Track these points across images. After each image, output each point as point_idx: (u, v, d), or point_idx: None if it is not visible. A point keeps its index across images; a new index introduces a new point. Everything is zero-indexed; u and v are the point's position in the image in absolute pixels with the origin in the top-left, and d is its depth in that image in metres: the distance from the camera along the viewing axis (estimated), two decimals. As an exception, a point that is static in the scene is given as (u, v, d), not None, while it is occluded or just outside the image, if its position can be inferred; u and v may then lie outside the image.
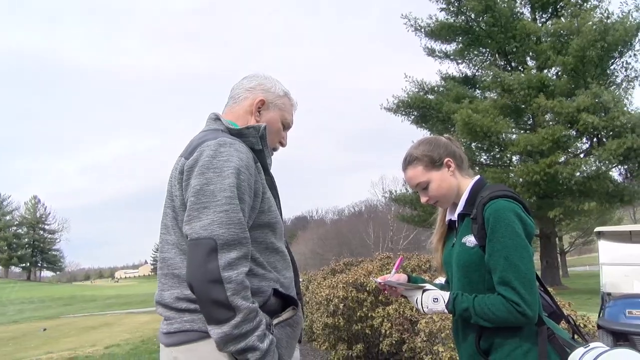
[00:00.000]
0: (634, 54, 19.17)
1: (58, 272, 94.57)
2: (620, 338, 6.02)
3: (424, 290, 1.75)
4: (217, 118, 1.69)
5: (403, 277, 1.89)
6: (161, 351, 1.57)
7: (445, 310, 1.67)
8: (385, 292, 1.90)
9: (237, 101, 1.76)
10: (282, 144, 1.82)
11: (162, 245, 1.58)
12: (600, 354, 1.47)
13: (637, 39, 18.60)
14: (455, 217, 1.81)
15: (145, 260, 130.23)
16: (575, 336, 1.77)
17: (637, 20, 18.22)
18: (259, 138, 1.61)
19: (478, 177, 1.83)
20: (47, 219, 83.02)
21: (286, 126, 1.82)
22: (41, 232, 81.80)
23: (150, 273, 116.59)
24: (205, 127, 1.70)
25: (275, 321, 1.50)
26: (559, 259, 28.25)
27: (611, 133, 17.55)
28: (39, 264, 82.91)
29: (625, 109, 17.27)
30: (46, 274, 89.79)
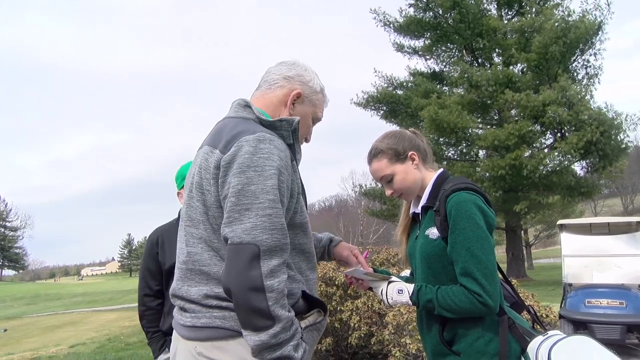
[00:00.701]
0: (594, 53, 19.74)
1: (21, 271, 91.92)
2: (580, 327, 6.22)
3: (389, 282, 1.76)
4: (247, 105, 1.59)
5: (369, 270, 1.89)
6: (178, 342, 1.51)
7: (410, 302, 1.69)
8: (352, 285, 1.91)
9: (271, 87, 1.66)
10: (307, 140, 1.75)
11: (186, 238, 1.51)
12: (557, 341, 1.52)
13: (597, 38, 19.15)
14: (419, 209, 1.82)
15: (113, 258, 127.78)
16: (536, 325, 1.82)
17: (599, 20, 18.76)
18: (291, 132, 1.54)
19: (441, 170, 1.86)
20: (9, 215, 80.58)
21: (315, 122, 1.75)
22: (2, 229, 79.27)
23: (117, 270, 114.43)
24: (232, 114, 1.61)
25: (303, 325, 1.47)
26: (524, 252, 28.98)
27: (573, 128, 18.06)
28: (0, 263, 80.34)
29: (587, 105, 17.78)
30: (8, 272, 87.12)
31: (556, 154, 18.26)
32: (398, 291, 1.71)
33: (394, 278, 1.81)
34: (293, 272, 1.48)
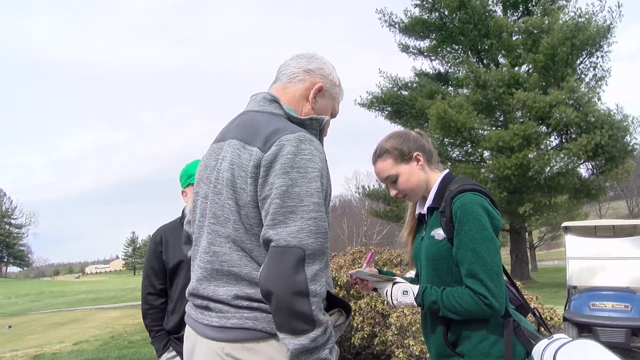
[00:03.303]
0: (602, 55, 19.65)
1: (25, 268, 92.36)
2: (584, 329, 6.20)
3: (394, 283, 1.75)
4: (274, 100, 1.54)
5: (373, 271, 1.89)
6: (198, 341, 1.47)
7: (415, 303, 1.68)
8: (356, 285, 1.90)
9: (292, 81, 1.62)
10: (325, 134, 1.70)
11: (211, 237, 1.45)
12: (563, 344, 1.51)
13: (606, 41, 19.06)
14: (424, 210, 1.82)
15: (117, 256, 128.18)
16: (541, 328, 1.81)
17: (608, 22, 18.68)
18: (318, 131, 1.52)
19: (447, 171, 1.85)
20: (14, 213, 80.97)
21: (333, 116, 1.74)
22: (7, 226, 79.62)
23: (121, 268, 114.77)
24: (257, 107, 1.55)
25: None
26: (529, 254, 28.88)
27: (580, 130, 17.98)
28: (5, 260, 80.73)
29: (596, 106, 17.72)
30: (13, 269, 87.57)
31: (562, 155, 18.18)
32: (403, 292, 1.71)
33: (398, 279, 1.80)
34: (324, 278, 1.45)
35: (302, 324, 1.26)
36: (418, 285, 1.70)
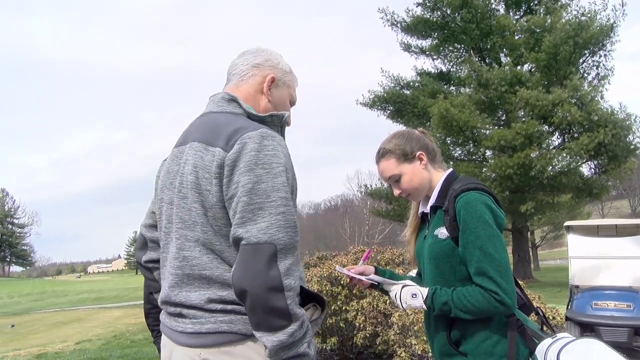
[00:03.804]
0: (605, 54, 19.60)
1: (28, 267, 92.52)
2: (586, 329, 6.19)
3: (403, 286, 1.74)
4: (232, 99, 1.54)
5: (369, 269, 1.89)
6: (174, 350, 1.45)
7: (424, 306, 1.67)
8: (351, 282, 1.90)
9: (243, 79, 1.61)
10: (289, 124, 1.70)
11: (180, 242, 1.43)
12: (566, 344, 1.51)
13: (609, 39, 19.01)
14: (427, 209, 1.81)
15: (119, 255, 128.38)
16: (544, 327, 1.81)
17: (611, 21, 18.63)
18: (279, 127, 1.53)
19: (450, 170, 1.84)
20: (16, 212, 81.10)
21: (292, 104, 1.73)
22: (10, 226, 79.77)
23: (123, 267, 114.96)
24: (216, 108, 1.55)
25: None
26: (531, 253, 28.87)
27: (582, 129, 17.95)
28: (8, 259, 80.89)
29: (599, 105, 17.68)
30: (15, 269, 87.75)
31: (564, 154, 18.15)
32: (412, 295, 1.69)
33: (408, 282, 1.79)
34: (298, 272, 1.44)
35: (278, 319, 1.26)
36: (427, 288, 1.69)
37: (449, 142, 21.42)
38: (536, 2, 21.26)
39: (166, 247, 1.51)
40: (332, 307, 5.30)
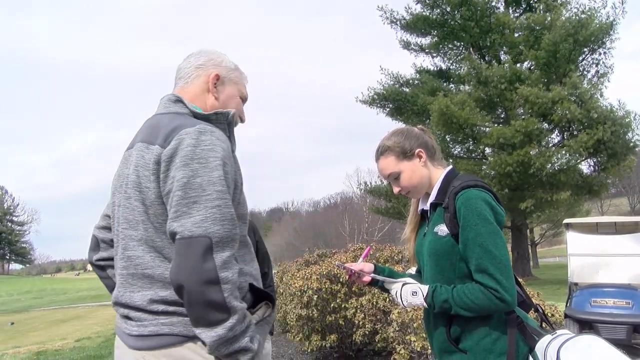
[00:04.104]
0: (604, 52, 19.59)
1: (27, 265, 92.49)
2: (585, 326, 6.20)
3: (404, 284, 1.75)
4: (178, 100, 1.56)
5: (369, 267, 1.89)
6: (125, 353, 1.46)
7: (425, 304, 1.67)
8: (351, 278, 1.91)
9: (188, 81, 1.63)
10: (242, 120, 1.72)
11: (124, 242, 1.45)
12: (566, 340, 1.51)
13: (608, 37, 19.00)
14: (427, 206, 1.81)
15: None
16: (544, 324, 1.81)
17: (611, 19, 18.62)
18: (226, 125, 1.54)
19: (450, 167, 1.84)
20: (16, 210, 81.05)
21: (244, 100, 1.73)
22: (9, 223, 79.74)
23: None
24: (162, 110, 1.56)
25: (254, 320, 1.43)
26: (530, 250, 28.88)
27: (582, 127, 17.93)
28: (7, 257, 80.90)
29: (598, 103, 17.67)
30: (15, 266, 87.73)
31: (564, 152, 18.15)
32: (412, 293, 1.70)
33: (408, 279, 1.79)
34: (240, 265, 1.42)
35: (216, 313, 1.24)
36: (427, 286, 1.69)
37: (448, 139, 21.42)
38: (535, -1, 21.24)
39: (116, 250, 1.52)
40: (332, 305, 5.31)
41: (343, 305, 5.25)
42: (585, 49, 19.13)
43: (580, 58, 19.57)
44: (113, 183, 1.60)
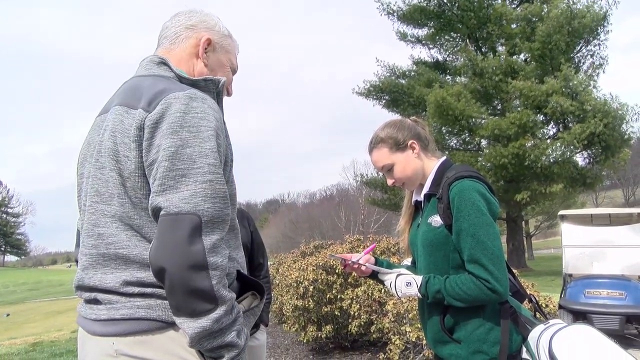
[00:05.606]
0: (599, 44, 19.60)
1: (23, 257, 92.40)
2: (579, 317, 6.24)
3: (398, 275, 1.76)
4: (162, 62, 1.38)
5: (370, 260, 1.90)
6: (87, 341, 1.27)
7: (419, 294, 1.68)
8: (346, 268, 1.91)
9: (175, 42, 1.44)
10: (229, 93, 1.55)
11: (95, 218, 1.25)
12: (558, 330, 1.52)
13: (603, 29, 19.00)
14: (421, 197, 1.82)
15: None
16: (537, 314, 1.82)
17: (604, 10, 18.61)
18: (215, 94, 1.37)
19: (444, 157, 1.84)
20: (10, 202, 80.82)
21: (233, 72, 1.56)
22: (4, 215, 79.57)
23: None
24: (143, 72, 1.38)
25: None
26: (525, 242, 29.01)
27: (576, 119, 17.97)
28: (2, 248, 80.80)
29: (592, 95, 17.69)
30: (10, 258, 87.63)
31: (558, 144, 18.19)
32: (406, 284, 1.71)
33: (403, 270, 1.80)
34: (227, 250, 1.24)
35: (202, 302, 1.09)
36: (421, 276, 1.70)
37: (444, 131, 21.44)
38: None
39: (83, 226, 1.31)
40: (328, 296, 5.33)
41: (339, 297, 5.27)
42: (580, 41, 19.13)
43: (576, 50, 19.57)
44: (81, 152, 1.41)
